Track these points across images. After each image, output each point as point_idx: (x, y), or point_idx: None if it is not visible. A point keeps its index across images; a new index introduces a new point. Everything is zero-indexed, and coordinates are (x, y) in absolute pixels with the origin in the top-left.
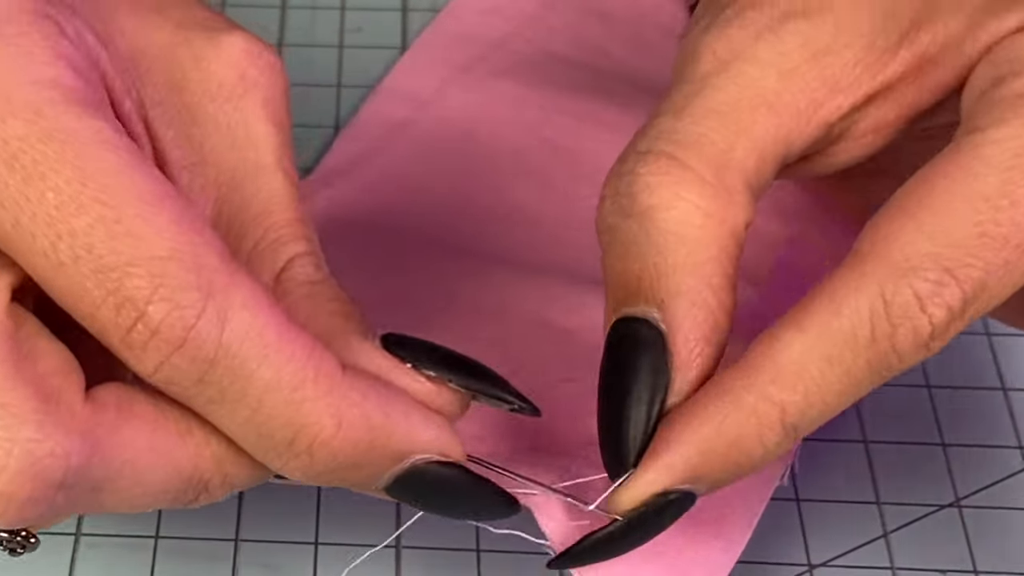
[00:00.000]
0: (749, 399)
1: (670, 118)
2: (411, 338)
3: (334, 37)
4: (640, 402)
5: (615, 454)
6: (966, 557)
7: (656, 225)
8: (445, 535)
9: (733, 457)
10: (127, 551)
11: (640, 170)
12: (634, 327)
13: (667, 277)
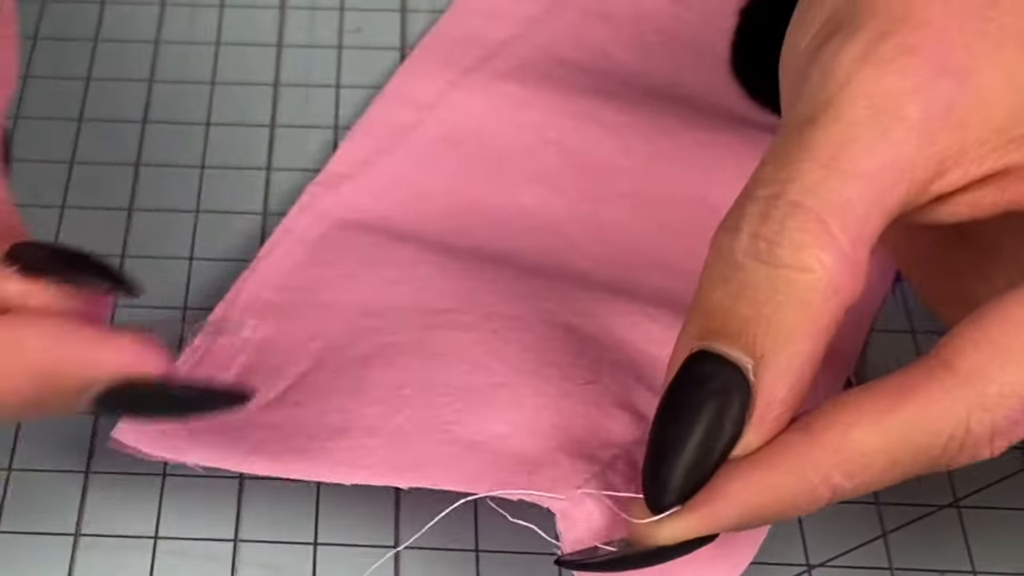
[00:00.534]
0: (812, 479)
1: (821, 169)
2: (21, 245)
3: (333, 38)
4: (707, 445)
5: (664, 486)
6: (965, 557)
7: (786, 283)
8: (445, 535)
9: (773, 516)
10: (127, 551)
11: (790, 224)
12: (722, 368)
13: (776, 336)
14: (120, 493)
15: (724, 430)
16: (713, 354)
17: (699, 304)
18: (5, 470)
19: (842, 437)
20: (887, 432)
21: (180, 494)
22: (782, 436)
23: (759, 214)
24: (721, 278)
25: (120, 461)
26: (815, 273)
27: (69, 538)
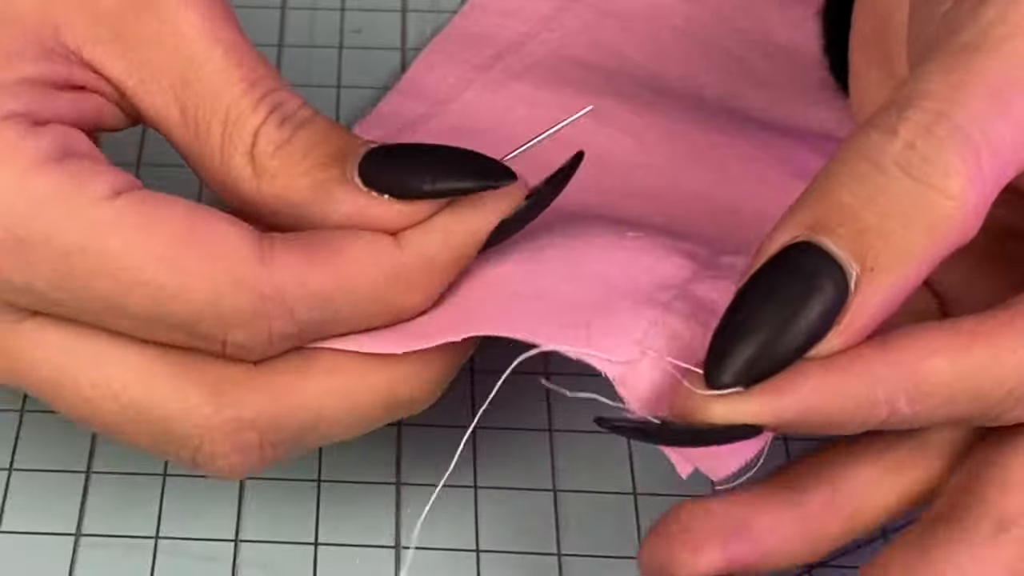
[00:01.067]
0: (879, 395)
1: (990, 101)
2: (392, 154)
3: (334, 38)
4: (786, 336)
5: (731, 363)
6: None
7: (927, 204)
8: (445, 535)
9: (825, 425)
10: (127, 551)
11: (950, 146)
12: (826, 265)
13: (895, 252)
14: (120, 493)
15: (809, 327)
16: (820, 249)
17: (819, 194)
18: (5, 470)
19: (918, 362)
20: (958, 369)
21: (180, 494)
22: (858, 348)
23: (923, 125)
24: (857, 175)
25: (121, 461)
26: (956, 202)
27: (70, 538)
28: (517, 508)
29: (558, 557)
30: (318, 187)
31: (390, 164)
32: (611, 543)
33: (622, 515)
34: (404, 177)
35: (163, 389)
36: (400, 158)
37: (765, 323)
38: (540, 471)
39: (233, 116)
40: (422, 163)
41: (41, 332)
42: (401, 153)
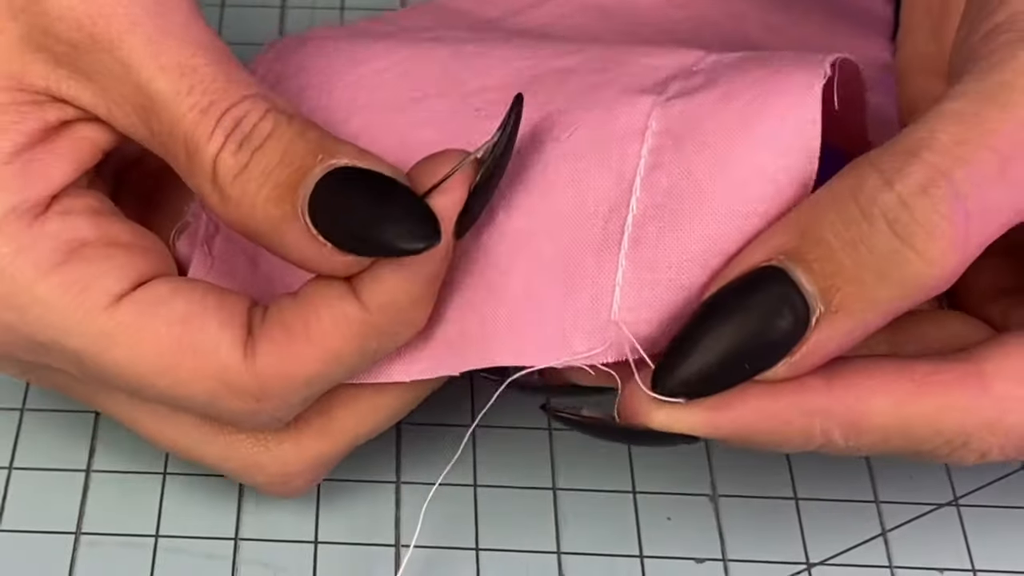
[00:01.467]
0: (816, 426)
1: (996, 165)
2: (342, 189)
3: None
4: (740, 358)
5: (680, 375)
6: (964, 556)
7: (903, 264)
8: (445, 533)
9: (760, 444)
10: (127, 550)
11: (942, 209)
12: (793, 296)
13: (862, 301)
14: (120, 491)
15: (762, 355)
16: (789, 278)
17: (802, 222)
18: (5, 469)
19: (858, 402)
20: (899, 414)
21: (180, 492)
22: (804, 377)
23: (919, 184)
24: (844, 217)
25: (120, 459)
26: (934, 268)
27: (70, 536)
28: (516, 506)
29: (557, 555)
30: (272, 226)
31: (337, 204)
32: (610, 541)
33: (621, 513)
34: (344, 225)
35: (213, 452)
36: (348, 197)
37: (720, 343)
38: (539, 470)
39: (191, 146)
40: (364, 210)
41: (107, 390)
42: (350, 189)
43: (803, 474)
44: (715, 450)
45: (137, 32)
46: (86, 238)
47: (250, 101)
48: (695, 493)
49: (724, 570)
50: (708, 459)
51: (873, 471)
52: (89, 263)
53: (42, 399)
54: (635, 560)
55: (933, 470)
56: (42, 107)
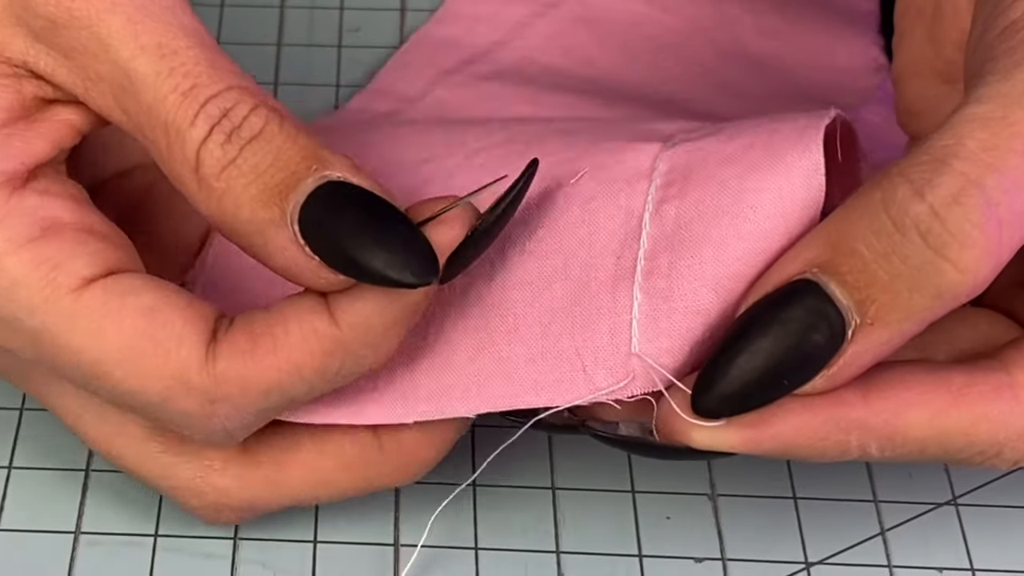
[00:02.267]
0: (853, 440)
1: (1019, 169)
2: (337, 204)
3: (333, 37)
4: (777, 374)
5: (718, 395)
6: (963, 555)
7: (937, 274)
8: (445, 534)
9: (796, 455)
10: (126, 549)
11: (974, 218)
12: (828, 310)
13: (897, 311)
14: (120, 491)
15: (802, 371)
16: (825, 293)
17: (834, 234)
18: (5, 469)
19: (895, 416)
20: (935, 425)
21: None
22: (840, 391)
23: (950, 194)
24: (876, 228)
25: None
26: (966, 276)
27: (69, 536)
28: (515, 506)
29: (556, 555)
30: (257, 229)
31: (329, 219)
32: (609, 541)
33: (620, 513)
34: (335, 243)
35: (153, 468)
36: (342, 214)
37: (757, 359)
38: (538, 469)
39: (172, 131)
40: (359, 231)
41: (58, 380)
42: (345, 206)
43: (802, 473)
44: None
45: (117, 11)
46: (62, 220)
47: (237, 92)
48: (694, 492)
49: (723, 569)
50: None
51: (872, 471)
52: (63, 243)
53: None
54: (634, 559)
55: (932, 470)
56: (19, 81)
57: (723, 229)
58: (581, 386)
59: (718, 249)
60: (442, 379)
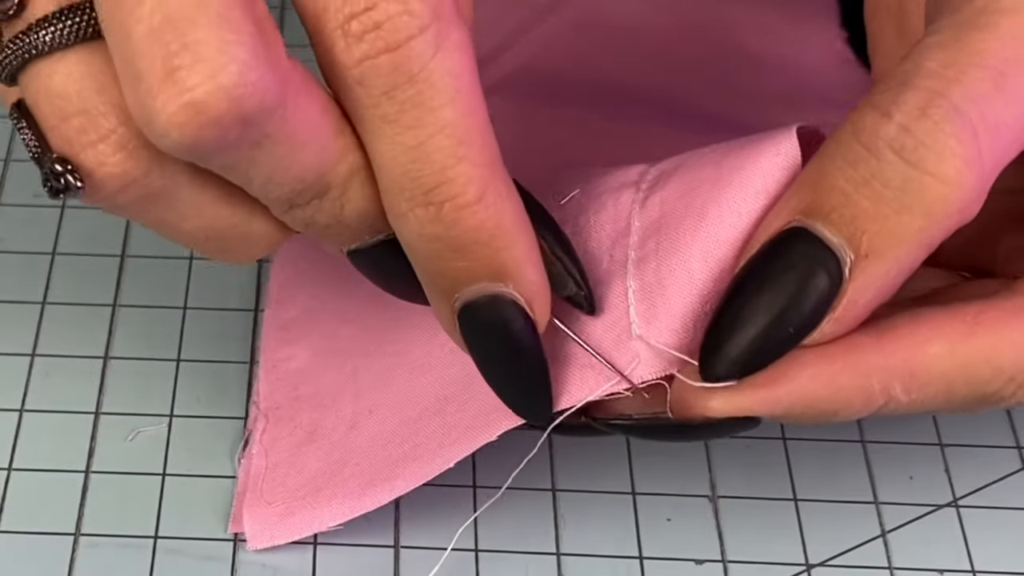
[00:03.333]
0: (874, 384)
1: (990, 81)
2: (527, 193)
3: None
4: (782, 327)
5: (727, 356)
6: (964, 557)
7: (920, 188)
8: (445, 535)
9: (821, 416)
10: (126, 551)
11: (946, 128)
12: (819, 252)
13: (889, 238)
14: (119, 492)
15: (803, 316)
16: (814, 236)
17: (813, 177)
18: (5, 470)
19: (913, 352)
20: (956, 356)
21: (180, 494)
22: (852, 336)
23: (916, 107)
24: (852, 159)
25: (119, 461)
26: (951, 187)
27: (69, 538)
28: (516, 508)
29: (557, 556)
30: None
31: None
32: (609, 542)
33: (620, 514)
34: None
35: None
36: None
37: (759, 314)
38: (539, 471)
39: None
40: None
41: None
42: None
43: (802, 475)
44: (715, 451)
45: None
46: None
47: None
48: (694, 494)
49: (724, 571)
50: (707, 460)
51: (872, 472)
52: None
53: (41, 400)
54: (634, 561)
55: (932, 471)
56: None
57: (704, 198)
58: (591, 381)
59: (699, 218)
60: (472, 408)
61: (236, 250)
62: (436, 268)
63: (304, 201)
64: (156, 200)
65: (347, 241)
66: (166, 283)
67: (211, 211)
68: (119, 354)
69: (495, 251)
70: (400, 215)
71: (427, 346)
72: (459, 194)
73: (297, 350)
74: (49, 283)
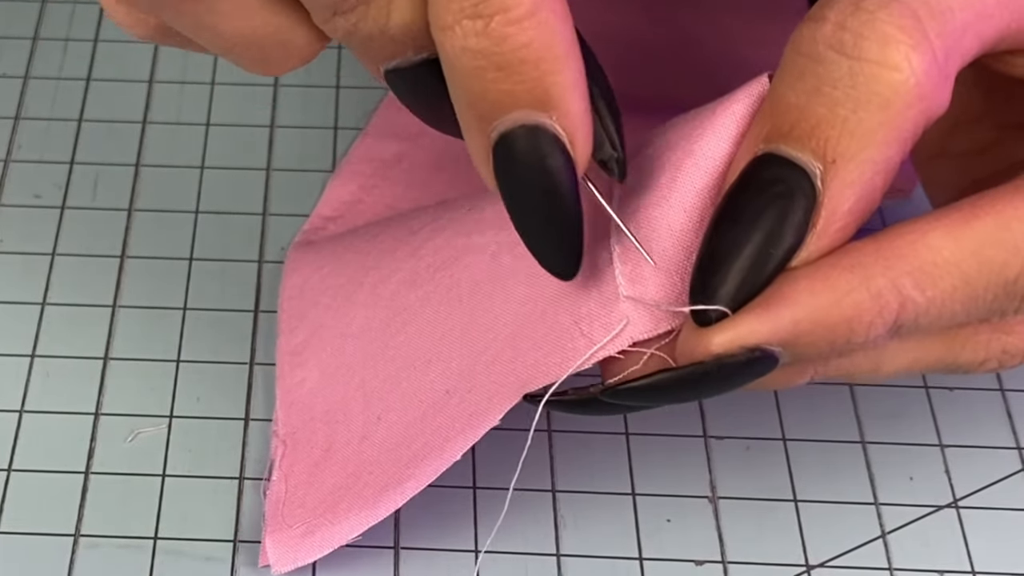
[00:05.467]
0: (880, 281)
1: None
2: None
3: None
4: (764, 252)
5: (715, 292)
6: (964, 558)
7: (869, 80)
8: (444, 535)
9: (836, 335)
10: (126, 552)
11: (882, 16)
12: (787, 172)
13: (852, 138)
14: (119, 493)
15: (784, 237)
16: (779, 157)
17: (770, 104)
18: (5, 470)
19: (914, 244)
20: (961, 242)
21: (179, 494)
22: (849, 246)
23: (849, 3)
24: (797, 73)
25: (119, 462)
26: (902, 73)
27: (68, 539)
28: (516, 508)
29: (556, 557)
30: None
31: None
32: (609, 543)
33: (620, 515)
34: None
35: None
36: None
37: (738, 245)
38: (539, 471)
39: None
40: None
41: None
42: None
43: (802, 476)
44: (715, 451)
45: None
46: None
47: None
48: (694, 495)
49: (724, 572)
50: (707, 460)
51: (872, 472)
52: None
53: (41, 401)
54: (634, 562)
55: (932, 472)
56: None
57: (680, 152)
58: (582, 348)
59: (676, 171)
60: (474, 397)
61: (271, 60)
62: (477, 89)
63: (350, 7)
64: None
65: (387, 57)
66: (166, 283)
67: (252, 13)
68: (119, 355)
69: (542, 74)
70: (446, 27)
71: (430, 338)
72: (512, 7)
73: (307, 372)
74: (49, 283)
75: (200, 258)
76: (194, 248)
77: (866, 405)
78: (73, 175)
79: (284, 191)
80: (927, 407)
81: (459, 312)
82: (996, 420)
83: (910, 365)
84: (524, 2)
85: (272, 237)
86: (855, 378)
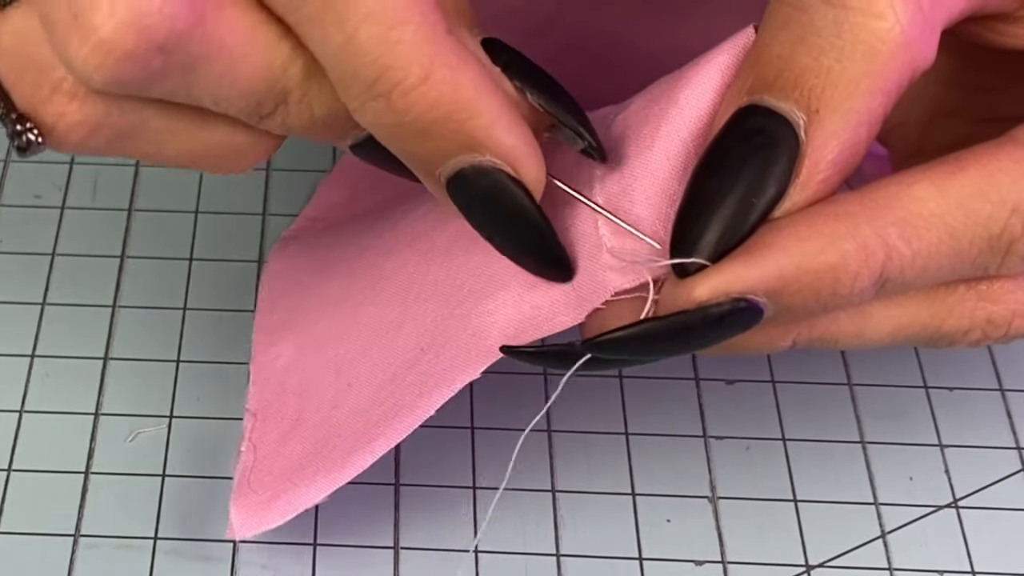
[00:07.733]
0: (866, 231)
1: None
2: (511, 48)
3: None
4: (746, 202)
5: (697, 241)
6: (964, 558)
7: (854, 28)
8: (444, 535)
9: (822, 285)
10: (126, 552)
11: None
12: (771, 122)
13: (836, 88)
14: (120, 493)
15: (766, 187)
16: (763, 108)
17: (754, 54)
18: (5, 470)
19: (899, 196)
20: (947, 194)
21: (179, 494)
22: (834, 197)
23: None
24: (781, 22)
25: (120, 462)
26: (887, 21)
27: (68, 539)
28: (516, 508)
29: (556, 557)
30: (447, 15)
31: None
32: (609, 543)
33: (620, 515)
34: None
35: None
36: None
37: (719, 194)
38: (539, 471)
39: None
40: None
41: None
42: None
43: (802, 475)
44: (715, 451)
45: None
46: None
47: None
48: (694, 495)
49: (723, 572)
50: (707, 460)
51: (872, 472)
52: None
53: (41, 401)
54: (634, 562)
55: (932, 472)
56: None
57: (664, 103)
58: (564, 299)
59: (659, 121)
60: (450, 351)
61: (228, 163)
62: (408, 149)
63: (269, 110)
64: (129, 136)
65: (338, 137)
66: (166, 283)
67: (188, 135)
68: (119, 355)
69: (459, 124)
70: (355, 110)
71: (403, 301)
72: (402, 80)
73: (282, 348)
74: (49, 284)
75: (200, 258)
76: (194, 248)
77: (866, 405)
78: (73, 175)
79: (284, 191)
80: (927, 407)
81: (434, 270)
82: (996, 420)
83: (894, 332)
84: (413, 72)
85: (271, 237)
86: (839, 343)
